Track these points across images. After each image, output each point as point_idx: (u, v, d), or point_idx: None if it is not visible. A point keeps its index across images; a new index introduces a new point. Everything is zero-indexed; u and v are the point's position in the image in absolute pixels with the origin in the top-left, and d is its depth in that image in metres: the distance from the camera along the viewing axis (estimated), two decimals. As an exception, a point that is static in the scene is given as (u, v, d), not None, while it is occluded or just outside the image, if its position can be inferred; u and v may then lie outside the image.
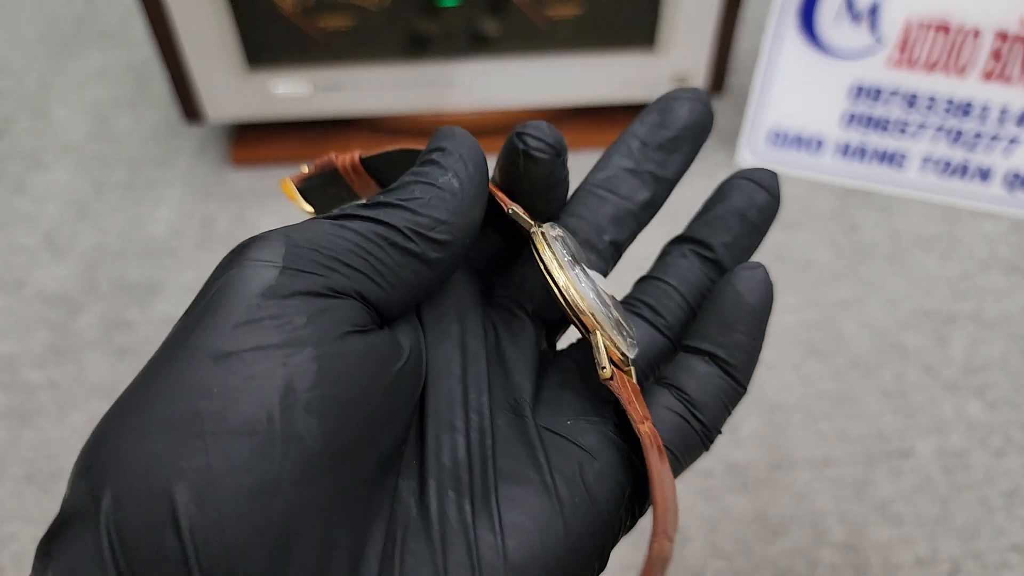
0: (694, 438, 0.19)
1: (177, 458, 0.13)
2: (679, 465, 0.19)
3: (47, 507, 0.42)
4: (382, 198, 0.17)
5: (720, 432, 0.19)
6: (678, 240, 0.21)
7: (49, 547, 0.13)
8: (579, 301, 0.17)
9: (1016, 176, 0.55)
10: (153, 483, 0.13)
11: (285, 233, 0.16)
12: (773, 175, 0.21)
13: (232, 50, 0.53)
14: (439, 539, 0.15)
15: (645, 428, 0.16)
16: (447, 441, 0.17)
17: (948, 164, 0.56)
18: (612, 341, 0.18)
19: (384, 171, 0.20)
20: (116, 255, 0.54)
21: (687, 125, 0.20)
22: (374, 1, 0.51)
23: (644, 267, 0.22)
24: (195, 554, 0.12)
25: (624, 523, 0.17)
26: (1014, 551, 0.39)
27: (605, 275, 0.20)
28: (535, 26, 0.53)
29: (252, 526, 0.13)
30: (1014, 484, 0.42)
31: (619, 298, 0.20)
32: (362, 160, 0.20)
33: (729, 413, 0.19)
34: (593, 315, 0.17)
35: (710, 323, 0.19)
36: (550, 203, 0.20)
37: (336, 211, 0.16)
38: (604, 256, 0.21)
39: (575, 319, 0.18)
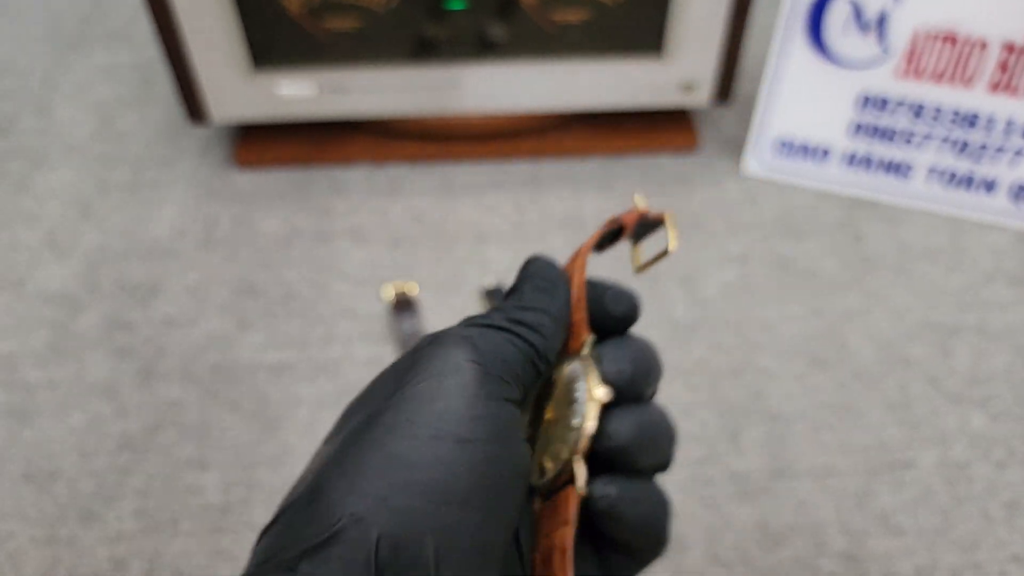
0: None
1: (426, 519, 0.17)
2: None
3: (45, 506, 0.42)
4: (520, 317, 0.21)
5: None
6: None
7: (304, 558, 0.17)
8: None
9: (1022, 188, 0.55)
10: (411, 532, 0.16)
11: (471, 340, 0.19)
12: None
13: (238, 51, 0.53)
14: None
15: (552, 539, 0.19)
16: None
17: (954, 175, 0.55)
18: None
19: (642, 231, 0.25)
20: (119, 255, 0.54)
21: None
22: (381, 3, 0.51)
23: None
24: None
25: None
26: (1014, 562, 0.39)
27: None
28: (542, 31, 0.53)
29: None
30: (1015, 496, 0.42)
31: None
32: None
33: None
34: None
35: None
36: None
37: (495, 320, 0.21)
38: None
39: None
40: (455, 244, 0.54)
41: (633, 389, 0.21)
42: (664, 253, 0.23)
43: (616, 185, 0.58)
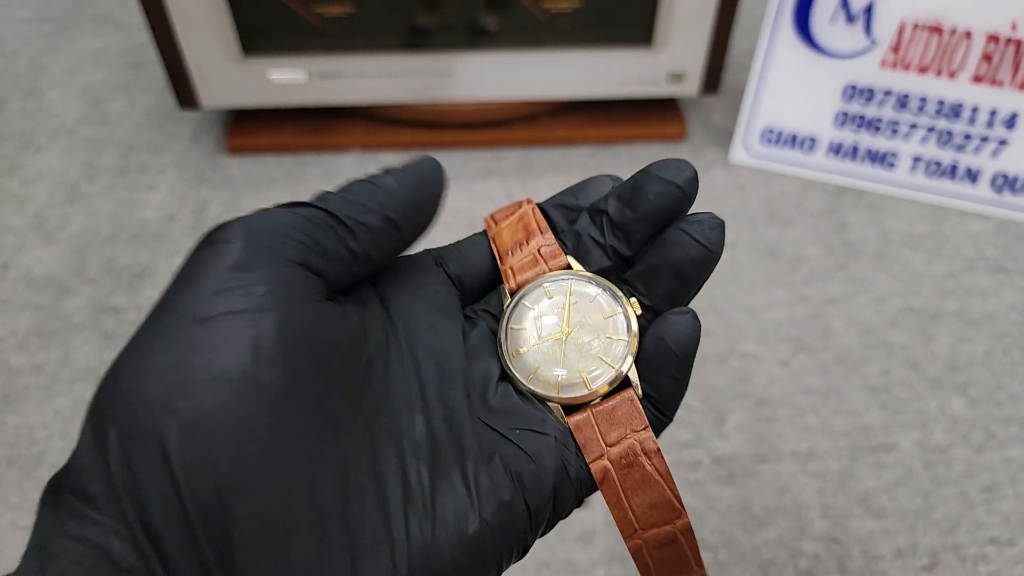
0: None
1: (171, 400, 0.15)
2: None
3: (28, 492, 0.42)
4: (327, 191, 0.19)
5: None
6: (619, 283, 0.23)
7: (59, 486, 0.16)
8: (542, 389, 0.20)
9: (1004, 177, 0.55)
10: (148, 422, 0.15)
11: (243, 219, 0.18)
12: (716, 226, 0.21)
13: (228, 36, 0.53)
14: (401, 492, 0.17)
15: (598, 465, 0.19)
16: (410, 418, 0.19)
17: (938, 165, 0.56)
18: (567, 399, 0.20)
19: None
20: (106, 239, 0.54)
21: (656, 207, 0.22)
22: (371, -10, 0.51)
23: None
24: (186, 483, 0.15)
25: (550, 520, 0.20)
26: (992, 544, 0.40)
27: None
28: (534, 19, 0.53)
29: (236, 454, 0.15)
30: (994, 479, 0.42)
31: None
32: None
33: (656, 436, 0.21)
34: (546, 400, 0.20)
35: (642, 366, 0.21)
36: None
37: (288, 201, 0.19)
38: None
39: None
40: (447, 231, 0.54)
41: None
42: None
43: (606, 172, 0.59)
